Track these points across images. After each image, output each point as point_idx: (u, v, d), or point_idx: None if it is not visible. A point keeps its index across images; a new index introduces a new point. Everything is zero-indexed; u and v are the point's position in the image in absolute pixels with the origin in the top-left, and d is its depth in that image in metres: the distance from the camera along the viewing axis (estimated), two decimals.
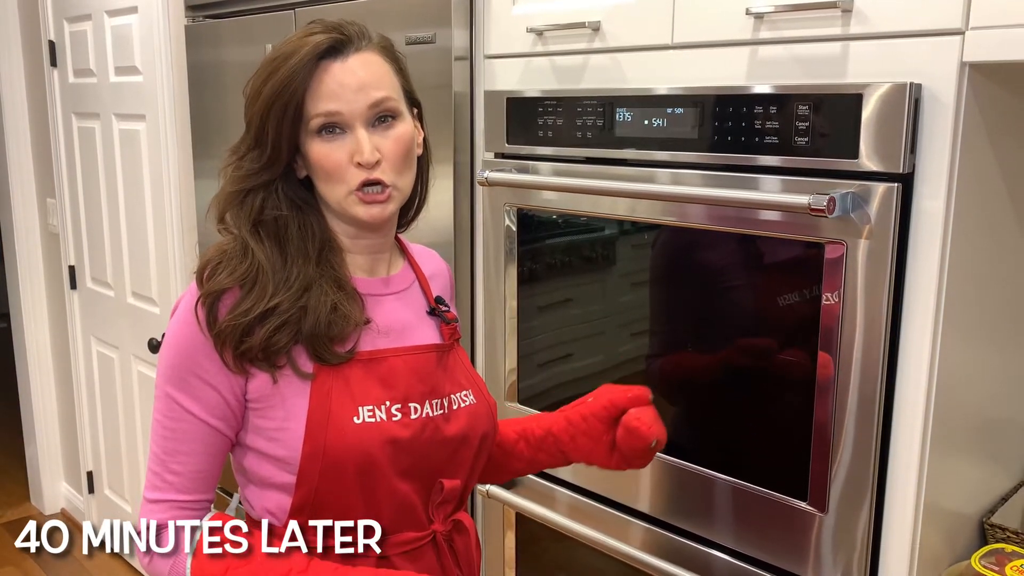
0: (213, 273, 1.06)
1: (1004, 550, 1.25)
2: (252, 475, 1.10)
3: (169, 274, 2.68)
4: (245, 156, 1.10)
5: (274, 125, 1.06)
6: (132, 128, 2.73)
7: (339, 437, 1.05)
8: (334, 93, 1.06)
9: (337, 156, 1.07)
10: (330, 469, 1.06)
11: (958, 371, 1.21)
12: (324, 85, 1.06)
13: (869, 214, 1.14)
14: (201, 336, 1.04)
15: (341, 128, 1.07)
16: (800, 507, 1.27)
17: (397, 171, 1.09)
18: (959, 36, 1.08)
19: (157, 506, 1.07)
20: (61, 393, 3.56)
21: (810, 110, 1.19)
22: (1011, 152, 1.23)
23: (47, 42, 3.10)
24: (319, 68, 1.06)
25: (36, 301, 3.51)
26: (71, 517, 3.63)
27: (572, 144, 1.49)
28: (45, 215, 3.42)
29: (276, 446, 1.07)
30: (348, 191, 1.07)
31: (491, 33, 1.65)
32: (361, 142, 1.06)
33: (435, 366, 1.14)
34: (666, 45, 1.38)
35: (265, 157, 1.08)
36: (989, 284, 1.26)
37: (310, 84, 1.06)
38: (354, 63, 1.08)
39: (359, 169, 1.07)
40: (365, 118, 1.07)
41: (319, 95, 1.06)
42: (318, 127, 1.07)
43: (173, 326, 1.08)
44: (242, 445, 1.10)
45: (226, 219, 1.11)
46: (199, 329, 1.05)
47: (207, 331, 1.04)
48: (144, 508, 1.08)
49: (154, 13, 2.50)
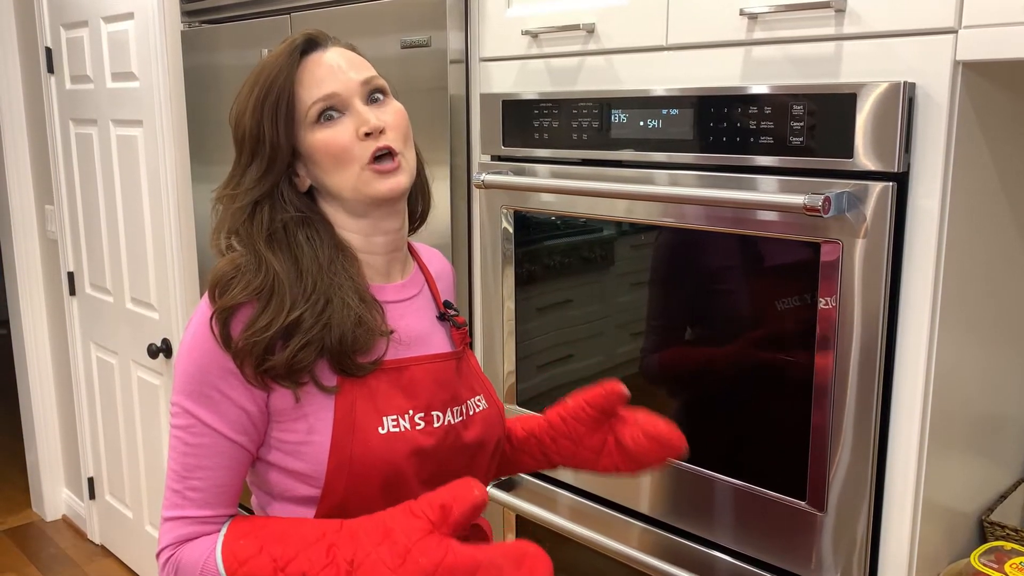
0: (227, 288, 1.03)
1: (1003, 548, 1.25)
2: (274, 488, 1.08)
3: (168, 279, 2.68)
4: (243, 176, 1.09)
5: (269, 124, 1.05)
6: (129, 134, 2.73)
7: (365, 449, 1.03)
8: (325, 77, 1.06)
9: (342, 136, 1.05)
10: (356, 481, 1.04)
11: (955, 369, 1.21)
12: (312, 74, 1.06)
13: (865, 213, 1.14)
14: (219, 351, 1.01)
15: (339, 110, 1.06)
16: (799, 507, 1.27)
17: (403, 141, 1.08)
18: (952, 35, 1.08)
19: (177, 523, 1.04)
20: (61, 399, 3.56)
21: (805, 110, 1.19)
22: (1005, 150, 1.23)
23: (44, 48, 3.11)
24: (302, 62, 1.07)
25: (35, 307, 3.51)
26: (73, 523, 3.63)
27: (568, 146, 1.49)
28: (43, 222, 3.42)
29: (299, 460, 1.04)
30: (360, 167, 1.05)
31: (486, 36, 1.65)
32: (364, 113, 1.06)
33: (454, 373, 1.14)
34: (660, 46, 1.38)
35: (265, 161, 1.07)
36: (985, 282, 1.26)
37: (297, 76, 1.06)
38: (333, 53, 1.09)
39: (367, 140, 1.05)
40: (361, 94, 1.07)
41: (310, 83, 1.06)
42: (317, 114, 1.06)
43: (189, 341, 1.05)
44: (263, 460, 1.07)
45: (238, 234, 1.08)
46: (216, 344, 1.01)
47: (224, 347, 1.01)
48: (164, 527, 1.04)
49: (150, 19, 2.50)
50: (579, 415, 1.21)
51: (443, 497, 0.96)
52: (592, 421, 1.20)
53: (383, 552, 0.94)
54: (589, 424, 1.20)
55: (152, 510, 3.04)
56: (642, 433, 1.18)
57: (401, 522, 0.96)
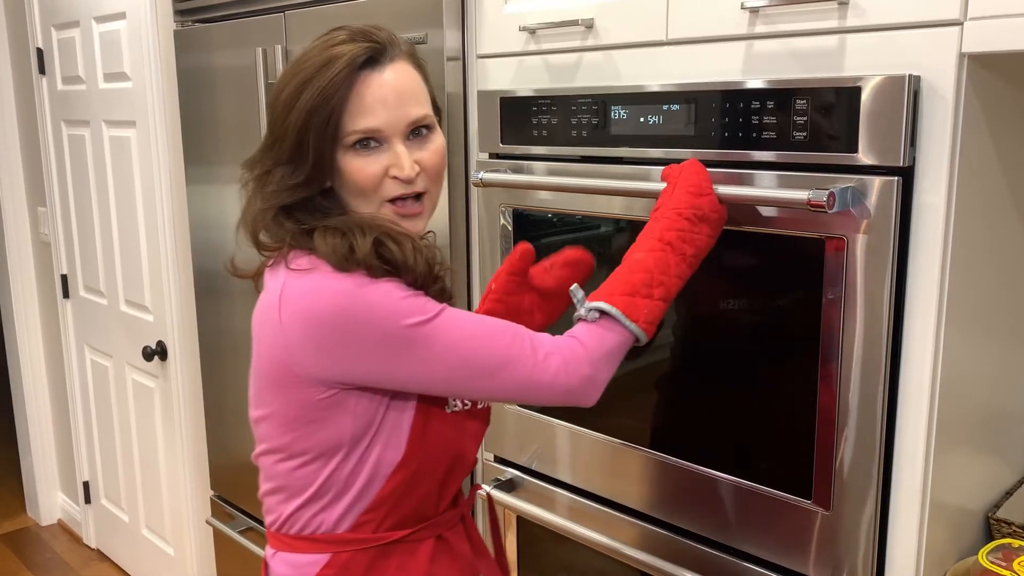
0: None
1: (1011, 545, 1.23)
2: (336, 482, 1.10)
3: (162, 281, 2.66)
4: (273, 170, 1.08)
5: (315, 141, 1.05)
6: (122, 135, 2.71)
7: (439, 430, 1.10)
8: (373, 109, 1.05)
9: (372, 170, 1.06)
10: (427, 461, 1.11)
11: (962, 365, 1.20)
12: (363, 101, 1.05)
13: (869, 208, 1.13)
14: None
15: (377, 141, 1.06)
16: (804, 505, 1.26)
17: (434, 180, 1.12)
18: (958, 27, 1.06)
19: (559, 344, 1.08)
20: (56, 403, 3.53)
21: (808, 104, 1.17)
22: (1011, 144, 1.22)
23: (35, 49, 3.08)
24: (357, 81, 1.05)
25: (29, 311, 3.49)
26: (68, 528, 3.61)
27: (567, 143, 1.48)
28: (36, 224, 3.40)
29: (385, 445, 1.09)
30: (381, 202, 1.08)
31: (483, 32, 1.64)
32: (401, 157, 1.06)
33: None
34: (660, 41, 1.37)
35: (304, 174, 1.07)
36: (991, 277, 1.24)
37: (348, 98, 1.04)
38: (390, 76, 1.07)
39: (395, 182, 1.07)
40: (403, 132, 1.08)
41: (358, 111, 1.05)
42: (354, 142, 1.06)
43: (358, 293, 1.02)
44: (396, 401, 1.08)
45: (263, 236, 1.11)
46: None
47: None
48: (549, 361, 1.06)
49: (142, 18, 2.48)
50: (509, 288, 1.30)
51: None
52: (520, 287, 1.31)
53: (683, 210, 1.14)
54: (518, 291, 1.31)
55: (148, 513, 3.02)
56: (559, 265, 1.32)
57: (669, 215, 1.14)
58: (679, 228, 1.13)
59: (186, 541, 2.82)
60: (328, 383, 1.05)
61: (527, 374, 1.04)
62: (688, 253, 1.13)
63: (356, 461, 1.09)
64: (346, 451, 1.09)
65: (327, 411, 1.06)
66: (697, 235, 1.14)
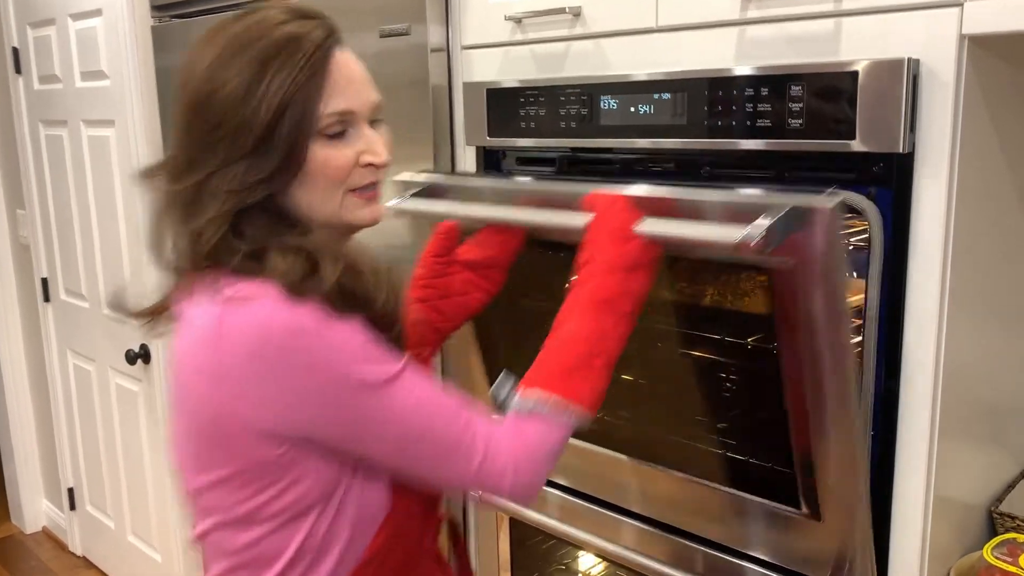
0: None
1: (1016, 540, 1.21)
2: (346, 513, 1.00)
3: (144, 283, 2.61)
4: (222, 170, 0.93)
5: (288, 129, 0.93)
6: (101, 134, 2.66)
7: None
8: (345, 91, 0.97)
9: (344, 158, 0.97)
10: (410, 503, 1.05)
11: (965, 357, 1.17)
12: (336, 82, 0.96)
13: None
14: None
15: (349, 127, 0.98)
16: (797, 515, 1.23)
17: (387, 171, 1.05)
18: (957, 8, 1.03)
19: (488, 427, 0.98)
20: (38, 408, 3.48)
21: (803, 91, 1.14)
22: (1012, 127, 1.19)
23: (10, 49, 3.03)
24: (329, 61, 0.96)
25: (9, 315, 3.43)
26: (53, 535, 3.56)
27: (555, 135, 1.44)
28: (15, 227, 3.35)
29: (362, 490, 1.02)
30: (345, 192, 0.98)
31: (467, 23, 1.60)
32: (375, 142, 0.99)
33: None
34: (650, 28, 1.33)
35: (270, 168, 0.93)
36: (994, 264, 1.22)
37: (325, 80, 0.95)
38: (351, 56, 1.00)
39: (365, 171, 0.99)
40: (368, 118, 1.00)
41: (330, 92, 0.95)
42: (327, 127, 0.95)
43: (319, 334, 0.90)
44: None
45: (215, 250, 0.94)
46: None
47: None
48: (491, 446, 0.97)
49: (119, 14, 2.43)
50: (436, 271, 1.24)
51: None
52: (446, 267, 1.24)
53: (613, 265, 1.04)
54: (446, 272, 1.24)
55: (134, 519, 2.97)
56: (490, 232, 1.25)
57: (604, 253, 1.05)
58: (612, 284, 1.03)
59: (173, 547, 2.78)
60: (271, 434, 0.93)
61: (467, 471, 0.95)
62: (626, 311, 1.03)
63: (333, 516, 0.98)
64: (321, 507, 0.97)
65: (293, 465, 0.95)
66: (633, 285, 1.04)
